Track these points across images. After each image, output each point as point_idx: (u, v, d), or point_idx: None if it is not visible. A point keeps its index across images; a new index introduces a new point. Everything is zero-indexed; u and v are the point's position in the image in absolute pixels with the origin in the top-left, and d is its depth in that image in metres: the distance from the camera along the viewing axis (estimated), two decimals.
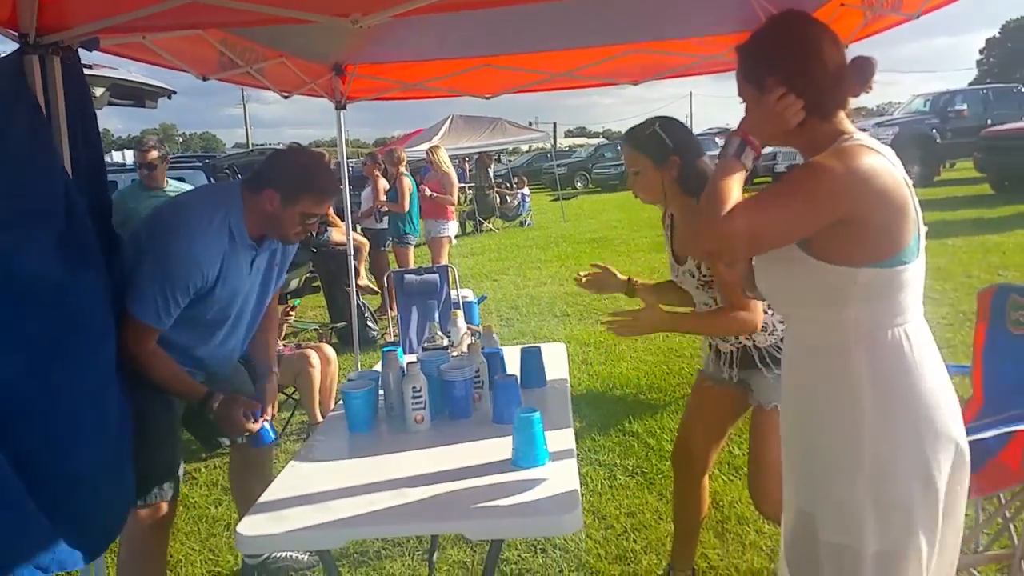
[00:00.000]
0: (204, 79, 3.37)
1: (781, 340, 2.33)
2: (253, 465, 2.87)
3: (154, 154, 4.72)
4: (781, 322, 2.37)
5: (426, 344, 2.71)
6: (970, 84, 37.88)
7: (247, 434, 2.54)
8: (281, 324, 4.66)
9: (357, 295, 5.97)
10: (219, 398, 2.45)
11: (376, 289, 7.72)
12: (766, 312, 2.34)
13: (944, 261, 8.04)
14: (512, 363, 2.77)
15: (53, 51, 2.23)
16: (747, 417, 2.55)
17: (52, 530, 1.95)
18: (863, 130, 1.61)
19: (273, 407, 2.70)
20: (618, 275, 2.69)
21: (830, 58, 1.56)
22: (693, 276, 2.43)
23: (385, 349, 2.65)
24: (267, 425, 2.56)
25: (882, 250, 1.49)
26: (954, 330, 5.64)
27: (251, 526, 1.84)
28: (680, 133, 2.37)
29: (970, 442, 1.63)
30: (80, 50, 2.33)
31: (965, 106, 16.37)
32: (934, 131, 15.97)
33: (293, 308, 5.40)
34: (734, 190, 1.51)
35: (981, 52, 62.44)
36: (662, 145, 2.33)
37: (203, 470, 4.19)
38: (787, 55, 1.58)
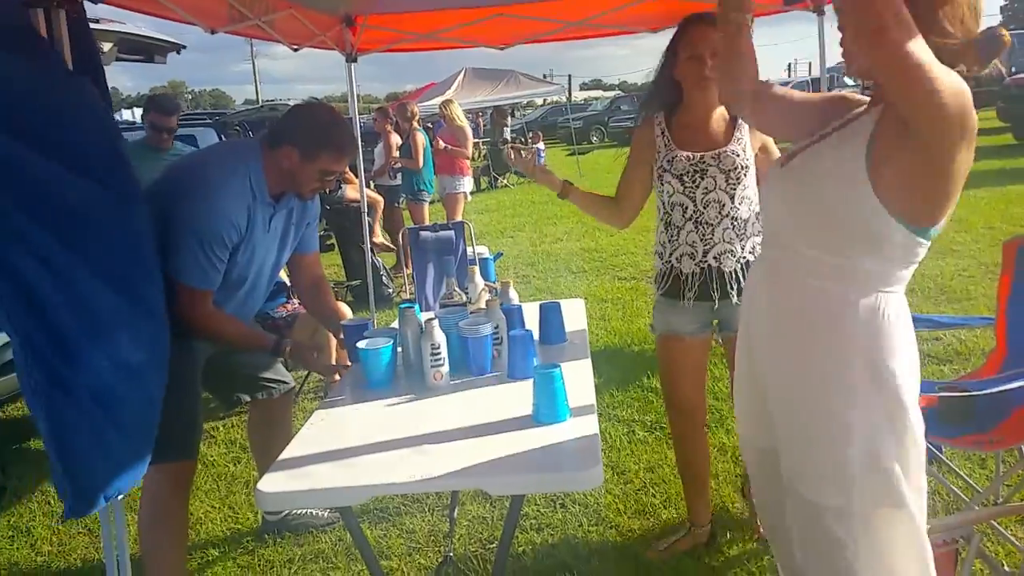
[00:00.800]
0: (213, 32, 3.30)
1: (746, 264, 2.43)
2: (272, 422, 2.88)
3: (176, 119, 4.63)
4: (750, 250, 2.44)
5: (443, 301, 2.67)
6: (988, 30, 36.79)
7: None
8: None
9: (372, 252, 5.93)
10: (288, 343, 2.58)
11: (391, 246, 7.69)
12: (733, 235, 2.41)
13: (965, 212, 7.88)
14: (531, 319, 2.73)
15: (58, 3, 2.16)
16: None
17: (128, 452, 2.01)
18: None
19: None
20: (555, 176, 2.66)
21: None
22: (723, 172, 2.40)
23: (402, 306, 2.63)
24: None
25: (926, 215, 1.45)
26: (975, 282, 5.55)
27: (272, 483, 1.83)
28: None
29: (994, 394, 1.60)
30: (86, 2, 2.28)
31: None
32: None
33: None
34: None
35: None
36: None
37: (221, 428, 4.22)
38: None
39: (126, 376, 1.96)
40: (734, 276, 2.44)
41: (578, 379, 2.23)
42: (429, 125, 11.52)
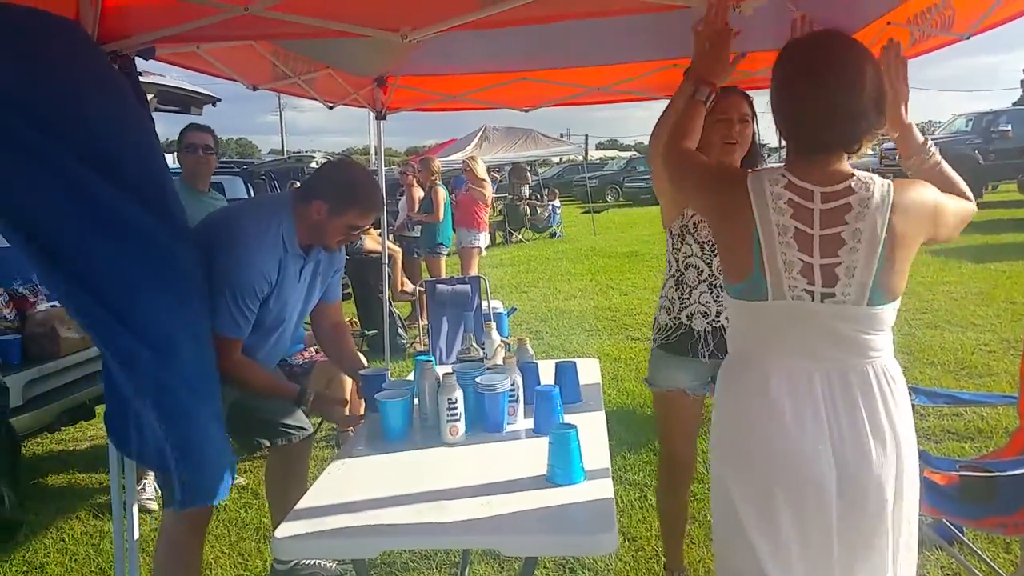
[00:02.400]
0: (254, 88, 3.44)
1: None
2: (290, 468, 2.92)
3: (211, 138, 4.13)
4: None
5: (461, 356, 2.72)
6: (1014, 104, 37.27)
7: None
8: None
9: (389, 303, 6.01)
10: (312, 394, 2.66)
11: (412, 288, 7.78)
12: None
13: (987, 286, 7.89)
14: (546, 377, 2.77)
15: (111, 59, 2.29)
16: None
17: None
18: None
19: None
20: None
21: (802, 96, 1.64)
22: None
23: (419, 358, 2.67)
24: None
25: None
26: (997, 358, 5.51)
27: (288, 531, 1.86)
28: None
29: (1018, 476, 1.61)
30: (136, 57, 2.40)
31: (1010, 127, 16.02)
32: (976, 152, 15.70)
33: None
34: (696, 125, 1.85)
35: None
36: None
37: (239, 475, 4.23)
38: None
39: (190, 393, 2.13)
40: None
41: (593, 440, 2.26)
42: (449, 180, 11.69)
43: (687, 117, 1.87)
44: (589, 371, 3.03)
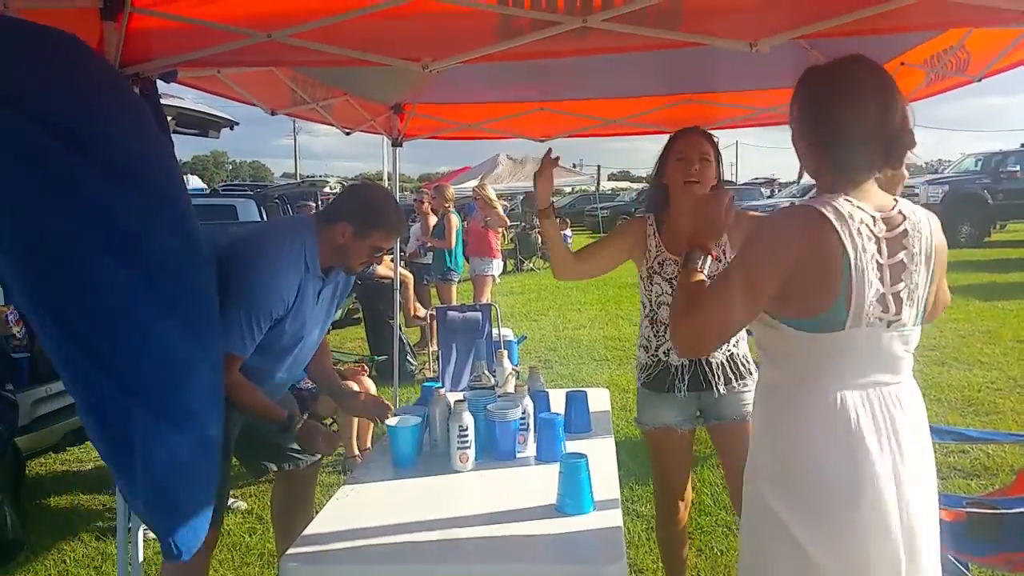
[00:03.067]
0: (273, 113, 3.48)
1: (730, 357, 2.55)
2: (296, 493, 2.90)
3: None
4: (734, 343, 2.56)
5: (472, 383, 2.72)
6: (1022, 145, 37.28)
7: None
8: None
9: (399, 328, 6.01)
10: (301, 420, 2.59)
11: (423, 313, 7.79)
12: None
13: (994, 324, 7.86)
14: (557, 406, 2.76)
15: (133, 81, 2.33)
16: None
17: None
18: (912, 187, 1.65)
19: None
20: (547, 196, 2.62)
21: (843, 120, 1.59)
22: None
23: (426, 385, 2.67)
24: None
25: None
26: (1004, 396, 5.49)
27: (295, 558, 1.85)
28: None
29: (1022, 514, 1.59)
30: (157, 80, 2.44)
31: (1018, 167, 16.13)
32: (985, 191, 15.75)
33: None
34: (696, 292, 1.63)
35: None
36: (720, 154, 2.59)
37: (239, 497, 4.22)
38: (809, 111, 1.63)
39: (192, 422, 2.05)
40: (721, 368, 2.54)
41: (602, 471, 2.25)
42: (462, 207, 11.76)
43: (686, 289, 1.66)
44: (599, 401, 3.03)
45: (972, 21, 2.54)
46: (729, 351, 2.56)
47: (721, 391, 2.53)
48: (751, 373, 2.57)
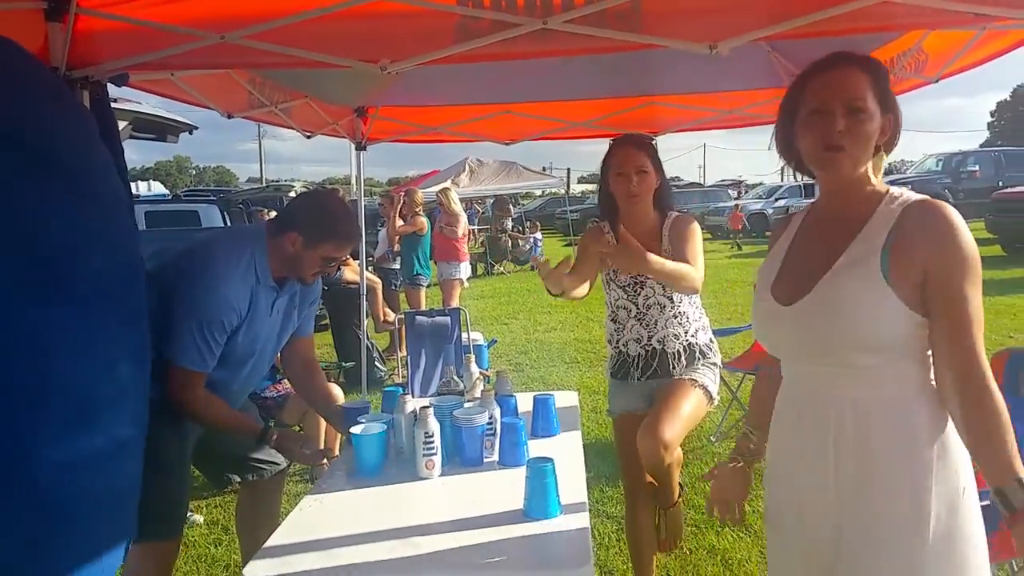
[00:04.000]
0: (229, 116, 3.42)
1: (687, 346, 2.69)
2: (261, 504, 2.85)
3: None
4: (693, 333, 2.70)
5: (441, 388, 2.69)
6: (981, 145, 38.14)
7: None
8: None
9: (366, 335, 5.96)
10: (275, 432, 2.56)
11: (392, 318, 7.73)
12: (677, 324, 2.68)
13: None
14: (525, 410, 2.74)
15: (82, 85, 2.27)
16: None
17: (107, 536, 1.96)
18: None
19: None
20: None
21: None
22: (659, 283, 2.65)
23: (388, 390, 2.64)
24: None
25: None
26: None
27: (258, 568, 1.81)
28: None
29: (984, 506, 1.58)
30: (108, 84, 2.38)
31: (977, 167, 16.54)
32: (946, 191, 16.09)
33: None
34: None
35: (992, 115, 63.26)
36: (658, 155, 2.68)
37: (204, 508, 4.14)
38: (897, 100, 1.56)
39: (112, 454, 1.95)
40: (677, 356, 2.68)
41: (570, 474, 2.23)
42: (431, 211, 11.72)
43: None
44: (568, 403, 3.01)
45: (928, 23, 2.58)
46: (687, 341, 2.70)
47: (675, 375, 2.67)
48: (704, 356, 2.71)
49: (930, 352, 1.48)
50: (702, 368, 2.70)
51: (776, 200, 22.69)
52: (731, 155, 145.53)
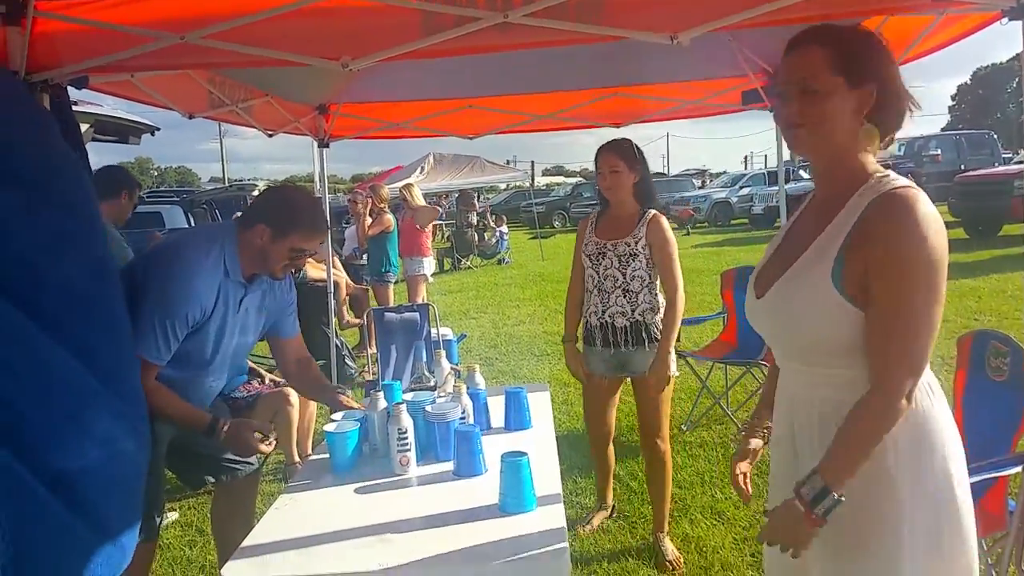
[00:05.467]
0: (190, 117, 3.38)
1: (635, 323, 3.15)
2: (236, 504, 2.83)
3: None
4: (639, 313, 3.15)
5: (413, 384, 2.69)
6: (943, 129, 38.91)
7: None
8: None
9: (335, 332, 5.92)
10: (227, 422, 2.46)
11: (356, 321, 7.68)
12: (625, 302, 3.14)
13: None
14: (496, 404, 2.76)
15: (42, 88, 2.23)
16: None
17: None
18: None
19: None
20: (576, 359, 3.39)
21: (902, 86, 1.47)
22: (617, 256, 3.15)
23: (384, 384, 2.63)
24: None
25: None
26: (937, 373, 5.69)
27: (235, 570, 1.80)
28: (642, 153, 3.18)
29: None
30: (68, 86, 2.34)
31: (939, 151, 16.79)
32: (909, 175, 16.30)
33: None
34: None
35: (953, 98, 64.25)
36: (635, 156, 3.14)
37: (178, 509, 4.10)
38: (890, 69, 1.46)
39: (111, 456, 1.92)
40: (624, 331, 3.16)
41: (544, 467, 2.25)
42: (396, 207, 11.68)
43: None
44: (539, 396, 3.03)
45: (888, 8, 2.62)
46: (634, 318, 3.15)
47: (625, 350, 3.17)
48: (654, 339, 3.14)
49: None
50: (650, 355, 3.14)
51: (740, 188, 22.95)
52: (696, 144, 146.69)
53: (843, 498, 1.36)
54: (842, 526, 1.43)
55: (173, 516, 3.94)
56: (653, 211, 3.17)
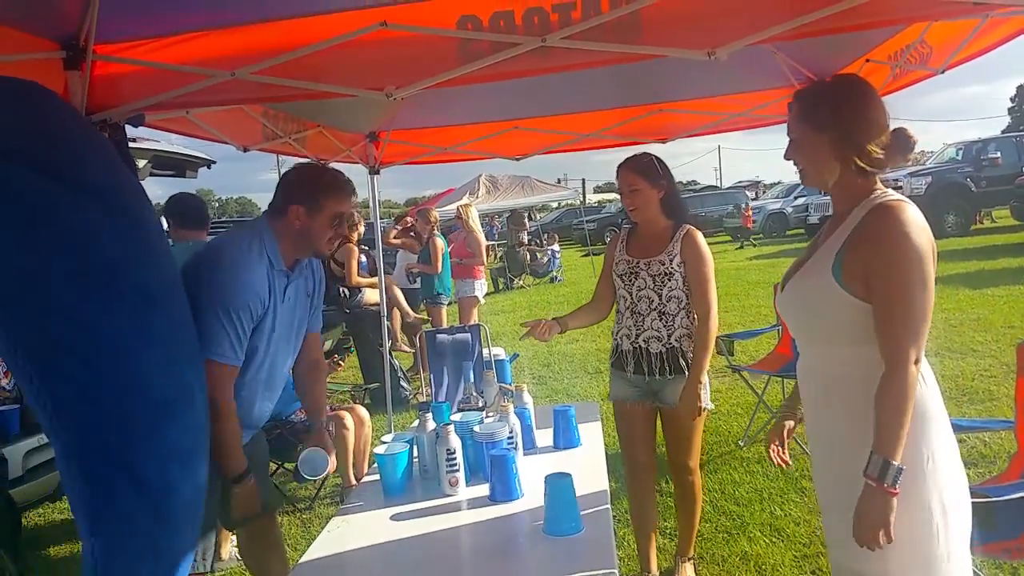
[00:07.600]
0: (245, 150, 3.49)
1: (671, 349, 2.93)
2: (260, 537, 2.81)
3: None
4: (676, 338, 2.93)
5: (461, 405, 2.72)
6: (1003, 132, 37.60)
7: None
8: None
9: (390, 355, 6.00)
10: (252, 478, 2.42)
11: (409, 349, 7.77)
12: (660, 324, 2.94)
13: (985, 311, 7.88)
14: (544, 422, 2.76)
15: (101, 127, 2.34)
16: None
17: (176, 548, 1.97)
18: (895, 180, 1.74)
19: (330, 457, 2.67)
20: (550, 320, 3.08)
21: (880, 126, 1.75)
22: (651, 276, 2.95)
23: (433, 406, 2.65)
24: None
25: None
26: (997, 383, 5.50)
27: None
28: (665, 166, 2.98)
29: (1016, 500, 1.64)
30: (126, 125, 2.45)
31: (999, 154, 16.21)
32: (968, 180, 15.85)
33: (340, 363, 5.44)
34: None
35: (1012, 100, 62.11)
36: (656, 171, 2.95)
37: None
38: (851, 109, 1.76)
39: (180, 465, 1.97)
40: (659, 357, 2.94)
41: (592, 486, 2.25)
42: (448, 229, 11.79)
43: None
44: (589, 414, 3.03)
45: (929, 15, 2.58)
46: (670, 344, 2.93)
47: (659, 378, 2.94)
48: (687, 368, 2.90)
49: None
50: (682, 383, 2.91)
51: (795, 199, 22.54)
52: (747, 156, 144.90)
53: (904, 466, 1.58)
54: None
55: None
56: (688, 226, 2.96)
